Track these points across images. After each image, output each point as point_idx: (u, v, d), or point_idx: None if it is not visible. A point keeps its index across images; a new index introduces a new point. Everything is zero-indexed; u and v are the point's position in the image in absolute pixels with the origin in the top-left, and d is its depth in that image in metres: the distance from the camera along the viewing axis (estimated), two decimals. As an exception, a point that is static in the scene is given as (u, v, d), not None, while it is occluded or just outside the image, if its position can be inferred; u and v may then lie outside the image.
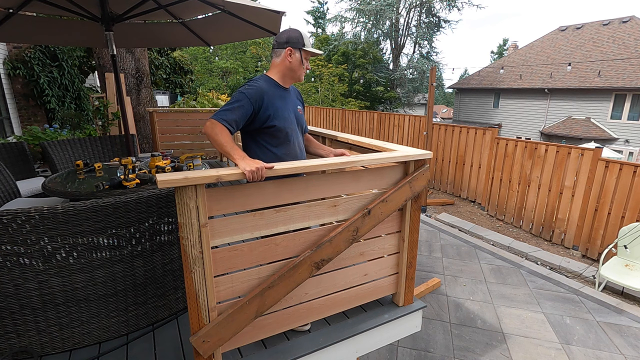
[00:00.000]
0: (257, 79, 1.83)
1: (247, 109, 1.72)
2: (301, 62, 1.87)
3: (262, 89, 1.77)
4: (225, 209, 1.49)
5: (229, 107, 1.69)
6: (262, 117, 1.78)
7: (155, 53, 11.25)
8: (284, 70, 1.88)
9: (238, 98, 1.71)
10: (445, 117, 39.26)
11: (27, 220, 1.51)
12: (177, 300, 2.08)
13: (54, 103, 6.88)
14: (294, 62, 1.85)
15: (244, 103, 1.71)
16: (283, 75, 1.90)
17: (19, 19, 3.46)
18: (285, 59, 1.85)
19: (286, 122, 1.86)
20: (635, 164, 4.78)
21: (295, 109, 1.96)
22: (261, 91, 1.77)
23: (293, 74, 1.90)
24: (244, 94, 1.72)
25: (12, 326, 1.67)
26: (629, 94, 15.61)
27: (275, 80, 1.89)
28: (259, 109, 1.76)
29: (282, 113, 1.84)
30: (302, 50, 1.85)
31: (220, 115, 1.66)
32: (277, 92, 1.85)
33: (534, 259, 5.24)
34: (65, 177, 2.98)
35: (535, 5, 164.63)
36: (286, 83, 1.92)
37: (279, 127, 1.82)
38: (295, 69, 1.87)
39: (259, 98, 1.75)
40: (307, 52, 1.88)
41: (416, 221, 2.03)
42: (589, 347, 3.36)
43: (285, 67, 1.87)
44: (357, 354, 1.99)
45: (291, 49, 1.83)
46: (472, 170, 7.59)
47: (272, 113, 1.79)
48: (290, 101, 1.94)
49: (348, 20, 22.68)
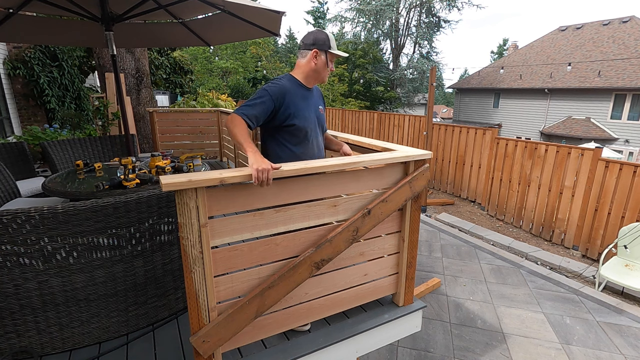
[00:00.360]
0: (281, 78, 1.87)
1: (268, 105, 1.75)
2: (326, 64, 1.89)
3: (284, 88, 1.81)
4: (225, 209, 1.49)
5: (251, 103, 1.74)
6: (283, 115, 1.80)
7: (155, 53, 11.25)
8: (308, 71, 1.91)
9: (260, 95, 1.76)
10: (445, 117, 39.26)
11: (27, 220, 1.51)
12: (177, 300, 2.08)
13: (54, 103, 6.87)
14: (319, 64, 1.88)
15: (266, 100, 1.75)
16: (307, 76, 1.92)
17: (19, 19, 3.46)
18: (310, 60, 1.88)
19: (306, 121, 1.88)
20: (635, 164, 4.78)
21: (316, 109, 1.99)
22: (284, 90, 1.80)
23: (317, 75, 1.93)
24: (267, 91, 1.76)
25: (12, 326, 1.67)
26: (629, 94, 15.61)
27: (299, 80, 1.92)
28: (280, 107, 1.79)
29: (303, 113, 1.86)
30: (328, 52, 1.88)
31: (242, 110, 1.71)
32: (299, 92, 1.88)
33: (534, 259, 5.24)
34: (65, 177, 2.98)
35: (535, 5, 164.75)
36: (309, 83, 1.95)
37: (299, 126, 1.85)
38: (320, 70, 1.90)
39: (281, 96, 1.78)
40: (333, 55, 1.90)
41: (416, 221, 2.03)
42: (589, 347, 3.36)
43: (310, 69, 1.90)
44: (357, 354, 1.99)
45: (317, 50, 1.86)
46: (472, 170, 7.59)
47: (293, 112, 1.82)
48: (312, 101, 1.96)
49: (348, 20, 22.69)
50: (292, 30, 59.91)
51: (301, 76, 1.92)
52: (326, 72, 1.92)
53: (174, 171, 3.04)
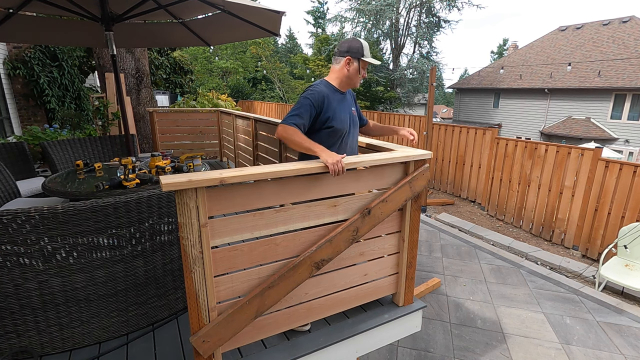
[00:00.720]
0: (318, 84, 1.99)
1: (311, 112, 1.89)
2: (358, 71, 2.00)
3: (323, 94, 1.93)
4: (225, 209, 1.49)
5: (297, 112, 1.86)
6: (322, 119, 1.93)
7: (155, 53, 11.25)
8: (341, 77, 2.02)
9: (303, 103, 1.88)
10: (445, 117, 39.25)
11: (27, 220, 1.51)
12: (177, 300, 2.08)
13: (54, 103, 6.87)
14: (352, 70, 1.99)
15: (309, 108, 1.88)
16: (340, 82, 2.03)
17: (19, 19, 3.46)
18: (344, 67, 1.99)
19: (343, 123, 2.00)
20: (635, 164, 4.78)
21: (350, 111, 2.10)
22: (322, 96, 1.92)
23: (349, 81, 2.03)
24: (308, 99, 1.89)
25: (12, 326, 1.67)
26: (629, 94, 15.61)
27: (334, 85, 2.03)
28: (320, 112, 1.92)
29: (339, 115, 1.98)
30: (361, 60, 1.97)
31: (291, 120, 1.83)
32: (335, 96, 2.00)
33: (534, 259, 5.24)
34: (65, 177, 2.98)
35: (535, 5, 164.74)
36: (343, 88, 2.06)
37: (337, 127, 1.97)
38: (352, 77, 2.00)
39: (321, 102, 1.91)
40: (365, 62, 1.99)
41: (416, 221, 2.03)
42: (589, 347, 3.36)
43: (343, 75, 2.01)
44: (357, 354, 1.99)
45: (350, 58, 1.96)
46: (472, 170, 7.59)
47: (331, 115, 1.95)
48: (346, 104, 2.08)
49: (348, 20, 22.64)
50: (292, 30, 59.92)
51: (336, 82, 2.03)
52: (358, 79, 2.02)
53: (174, 171, 3.04)
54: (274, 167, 1.59)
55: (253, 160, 4.44)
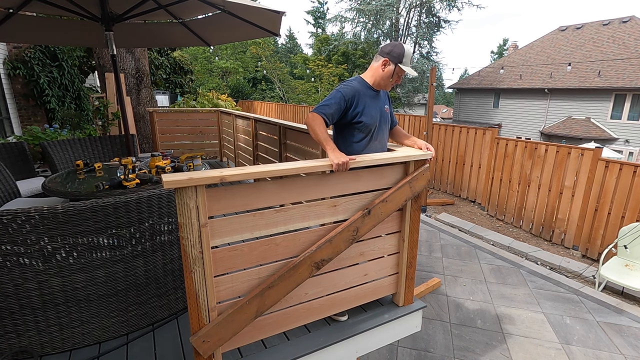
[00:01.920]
0: (352, 80, 2.05)
1: (341, 105, 1.94)
2: (391, 75, 2.03)
3: (355, 89, 1.98)
4: (225, 209, 1.49)
5: (327, 103, 1.92)
6: (353, 113, 1.98)
7: (155, 53, 11.25)
8: (376, 75, 2.06)
9: (334, 95, 1.94)
10: (445, 117, 39.24)
11: (27, 220, 1.51)
12: (177, 300, 2.08)
13: (54, 103, 6.87)
14: (386, 72, 2.03)
15: (340, 100, 1.93)
16: (374, 80, 2.07)
17: (19, 19, 3.46)
18: (380, 66, 2.03)
19: (372, 119, 2.03)
20: (635, 164, 4.78)
21: (382, 109, 2.13)
22: (354, 91, 1.98)
23: (381, 81, 2.06)
24: (340, 92, 1.95)
25: (12, 326, 1.67)
26: (629, 94, 15.60)
27: (368, 83, 2.07)
28: (351, 106, 1.97)
29: (369, 111, 2.02)
30: (398, 65, 2.01)
31: (321, 110, 1.89)
32: (368, 93, 2.04)
33: (534, 259, 5.24)
34: (65, 177, 2.98)
35: (535, 5, 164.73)
36: (376, 86, 2.09)
37: (366, 123, 2.01)
38: (385, 77, 2.04)
39: (352, 97, 1.96)
40: (402, 70, 2.03)
41: (416, 221, 2.03)
42: (589, 347, 3.36)
43: (378, 73, 2.05)
44: (357, 354, 1.99)
45: (388, 60, 2.00)
46: (472, 170, 7.59)
47: (361, 110, 1.99)
48: (378, 101, 2.11)
49: (348, 20, 22.66)
50: (292, 30, 59.89)
51: (370, 79, 2.07)
52: (390, 83, 2.05)
53: (174, 171, 3.04)
54: (274, 166, 1.59)
55: (253, 160, 4.44)
